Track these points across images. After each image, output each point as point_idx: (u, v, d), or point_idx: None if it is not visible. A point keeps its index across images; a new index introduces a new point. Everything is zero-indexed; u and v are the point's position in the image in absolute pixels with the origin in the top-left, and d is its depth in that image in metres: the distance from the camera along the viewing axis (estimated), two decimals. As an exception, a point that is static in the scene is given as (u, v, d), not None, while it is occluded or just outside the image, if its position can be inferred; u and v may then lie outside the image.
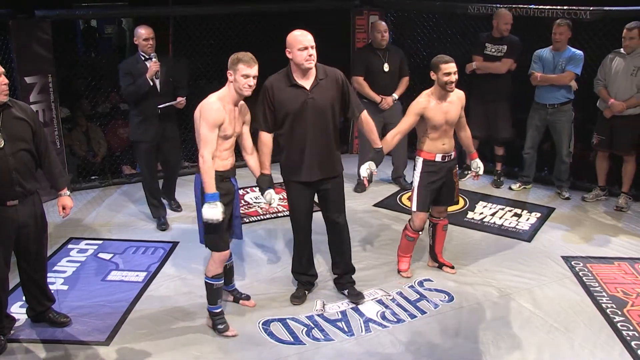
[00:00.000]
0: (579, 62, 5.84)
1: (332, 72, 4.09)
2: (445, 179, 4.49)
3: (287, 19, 7.68)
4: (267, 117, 4.05)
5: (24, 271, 3.94)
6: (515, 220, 5.74)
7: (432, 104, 4.33)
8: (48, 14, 6.07)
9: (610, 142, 5.81)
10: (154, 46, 5.31)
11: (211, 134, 3.69)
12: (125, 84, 5.28)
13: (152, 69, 5.22)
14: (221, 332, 3.96)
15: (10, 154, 3.61)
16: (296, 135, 4.04)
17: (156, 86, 5.29)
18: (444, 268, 4.78)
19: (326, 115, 4.04)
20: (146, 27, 5.33)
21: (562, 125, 6.03)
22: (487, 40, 6.30)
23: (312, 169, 4.08)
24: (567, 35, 5.84)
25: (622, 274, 4.72)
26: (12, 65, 5.87)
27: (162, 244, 5.30)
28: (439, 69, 4.25)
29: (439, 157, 4.42)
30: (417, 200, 4.49)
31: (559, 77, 5.89)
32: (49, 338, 3.97)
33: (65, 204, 3.92)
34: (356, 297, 4.38)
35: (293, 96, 3.99)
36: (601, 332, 3.98)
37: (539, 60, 6.01)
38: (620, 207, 5.89)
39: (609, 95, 5.69)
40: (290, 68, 4.01)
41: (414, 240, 4.63)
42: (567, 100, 5.99)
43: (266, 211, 5.91)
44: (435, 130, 4.37)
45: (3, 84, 3.57)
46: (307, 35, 3.93)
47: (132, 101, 5.41)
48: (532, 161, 6.42)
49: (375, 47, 6.23)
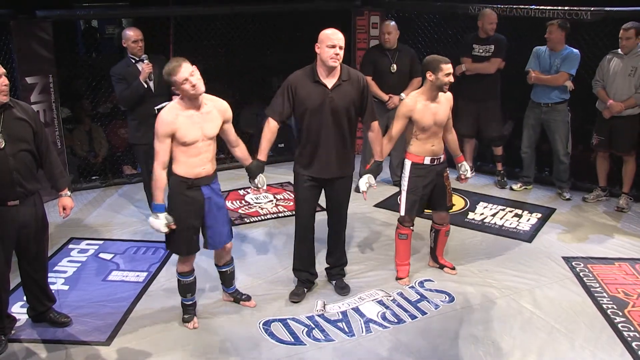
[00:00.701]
0: (573, 63, 5.84)
1: (356, 75, 4.14)
2: (436, 183, 4.45)
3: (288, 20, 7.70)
4: (284, 107, 4.08)
5: (24, 271, 3.94)
6: (515, 221, 5.74)
7: (420, 106, 4.28)
8: (49, 15, 6.08)
9: (610, 142, 5.81)
10: (143, 48, 5.29)
11: (160, 145, 3.71)
12: (120, 90, 5.25)
13: (145, 71, 5.19)
14: (184, 321, 4.08)
15: (11, 154, 3.61)
16: (312, 131, 4.09)
17: (150, 88, 5.28)
18: (445, 269, 4.77)
19: (342, 115, 4.08)
20: (134, 29, 5.31)
21: (556, 124, 6.04)
22: (473, 41, 6.32)
23: (324, 166, 4.14)
24: (558, 35, 5.83)
25: (623, 275, 4.72)
26: (13, 65, 5.87)
27: (162, 244, 5.22)
28: (440, 69, 4.17)
29: (427, 159, 4.37)
30: (406, 205, 4.46)
31: (552, 78, 5.90)
32: (49, 338, 3.97)
33: (66, 205, 3.92)
34: (342, 289, 4.47)
35: (314, 93, 4.03)
36: (602, 333, 3.98)
37: (537, 57, 6.02)
38: (620, 208, 5.89)
39: (607, 96, 5.69)
40: (316, 64, 4.06)
41: (407, 237, 4.58)
42: (561, 100, 6.00)
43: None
44: (423, 132, 4.32)
45: (4, 84, 3.57)
46: (338, 34, 3.97)
47: (128, 106, 5.36)
48: (531, 161, 6.42)
49: (384, 47, 6.24)
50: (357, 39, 7.56)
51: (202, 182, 3.82)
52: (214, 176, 3.90)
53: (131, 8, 7.41)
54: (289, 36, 7.87)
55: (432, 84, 4.25)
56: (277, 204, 6.18)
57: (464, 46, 6.43)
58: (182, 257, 3.97)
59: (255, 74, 7.64)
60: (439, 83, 4.21)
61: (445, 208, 4.59)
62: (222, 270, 4.23)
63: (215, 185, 3.93)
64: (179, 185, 3.79)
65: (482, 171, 6.97)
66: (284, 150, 7.51)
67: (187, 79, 3.63)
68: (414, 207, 4.45)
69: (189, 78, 3.63)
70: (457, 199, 6.23)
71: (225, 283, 4.29)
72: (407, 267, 4.67)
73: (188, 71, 3.64)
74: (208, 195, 3.87)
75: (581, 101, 6.23)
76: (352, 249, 5.11)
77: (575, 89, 5.99)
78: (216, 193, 3.93)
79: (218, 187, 3.96)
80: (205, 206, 3.87)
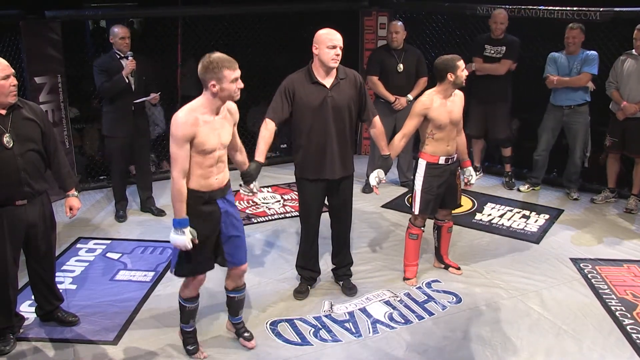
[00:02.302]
0: (594, 63, 5.81)
1: (351, 73, 4.16)
2: (449, 182, 4.46)
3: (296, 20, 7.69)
4: (282, 109, 4.08)
5: (33, 270, 3.96)
6: (523, 222, 5.71)
7: (436, 104, 4.29)
8: (58, 15, 6.11)
9: (623, 144, 5.77)
10: (129, 45, 5.52)
11: (180, 151, 3.27)
12: (100, 81, 5.48)
13: (128, 67, 5.44)
14: (189, 353, 3.74)
15: (19, 154, 3.62)
16: (316, 132, 4.09)
17: (131, 84, 5.51)
18: (450, 269, 4.76)
19: (344, 114, 4.10)
20: (122, 27, 5.55)
21: (577, 126, 6.00)
22: (485, 42, 6.30)
23: (334, 166, 4.14)
24: (581, 39, 5.80)
25: (632, 277, 4.69)
26: (22, 65, 5.91)
27: (170, 244, 5.27)
28: (458, 67, 4.21)
29: (442, 159, 4.38)
30: (420, 205, 4.45)
31: (576, 79, 5.85)
32: (57, 337, 3.98)
33: (73, 205, 3.93)
34: (350, 290, 4.47)
35: (314, 93, 4.04)
36: (610, 335, 3.96)
37: (554, 63, 5.97)
38: (629, 209, 5.86)
39: (621, 98, 5.65)
40: (312, 65, 4.07)
41: (417, 238, 4.58)
42: (584, 102, 5.96)
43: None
44: (440, 131, 4.33)
45: (12, 84, 3.59)
46: (336, 35, 3.99)
47: (107, 98, 5.62)
48: (544, 164, 6.39)
49: (391, 47, 6.23)
50: (364, 39, 7.55)
51: (218, 195, 3.49)
52: (227, 186, 3.57)
53: (140, 8, 7.42)
54: (296, 36, 7.86)
55: (452, 84, 4.27)
56: (284, 204, 6.19)
57: (476, 45, 6.41)
58: (189, 280, 3.62)
59: (262, 74, 7.64)
60: (459, 81, 4.24)
61: (456, 206, 4.63)
62: (230, 296, 3.82)
63: (230, 196, 3.60)
64: (195, 201, 3.40)
65: (490, 172, 6.95)
66: (290, 151, 7.51)
67: (238, 79, 3.32)
68: (429, 207, 4.45)
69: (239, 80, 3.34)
70: (465, 200, 6.21)
71: (231, 311, 3.89)
72: (415, 268, 4.66)
73: (238, 73, 3.33)
74: (224, 208, 3.53)
75: (591, 103, 6.20)
76: (359, 250, 5.10)
77: (594, 89, 5.95)
78: (232, 204, 3.60)
79: (232, 197, 3.64)
80: (222, 220, 3.54)
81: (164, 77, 7.12)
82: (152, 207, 5.97)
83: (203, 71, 3.28)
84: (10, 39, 5.85)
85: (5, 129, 3.58)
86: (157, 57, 7.07)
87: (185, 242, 3.36)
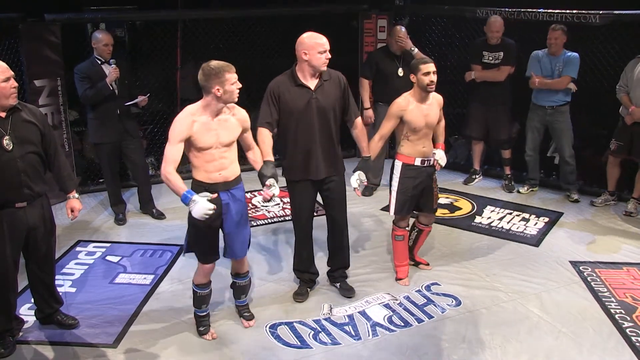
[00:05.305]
0: (575, 65, 5.85)
1: (335, 74, 4.21)
2: (425, 185, 4.47)
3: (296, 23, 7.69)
4: (272, 115, 4.12)
5: (32, 273, 3.96)
6: (523, 225, 5.72)
7: (412, 107, 4.30)
8: (57, 18, 6.12)
9: (630, 148, 5.72)
10: (111, 52, 5.53)
11: (172, 147, 3.57)
12: (82, 88, 5.45)
13: (112, 75, 5.44)
14: (201, 334, 4.01)
15: (19, 156, 3.62)
16: (302, 134, 4.12)
17: (115, 90, 5.51)
18: (420, 266, 4.84)
19: (329, 115, 4.14)
20: (105, 33, 5.60)
21: (560, 125, 6.04)
22: (483, 48, 6.29)
23: (318, 167, 4.17)
24: (562, 40, 5.83)
25: (631, 280, 4.69)
26: (22, 68, 5.91)
27: (169, 247, 5.31)
28: (419, 69, 4.23)
29: (418, 160, 4.39)
30: (396, 206, 4.47)
31: (557, 82, 5.90)
32: (57, 340, 3.99)
33: (74, 207, 3.94)
34: (348, 291, 4.48)
35: (298, 96, 4.08)
36: (610, 338, 3.96)
37: (537, 62, 6.01)
38: (629, 212, 5.85)
39: (630, 102, 5.61)
40: (296, 68, 4.10)
41: (403, 238, 4.60)
42: (564, 103, 6.01)
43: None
44: (414, 133, 4.34)
45: (13, 87, 3.60)
46: (323, 38, 4.06)
47: (89, 105, 5.59)
48: (535, 163, 6.42)
49: (391, 51, 6.23)
50: (364, 42, 7.55)
51: (220, 188, 3.71)
52: (234, 182, 3.79)
53: (140, 11, 7.42)
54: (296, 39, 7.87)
55: (416, 86, 4.31)
56: (283, 207, 6.18)
57: (473, 52, 6.42)
58: (200, 265, 3.89)
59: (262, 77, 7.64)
60: (421, 84, 4.25)
61: (431, 210, 4.63)
62: (233, 281, 4.15)
63: (237, 191, 3.82)
64: (197, 190, 3.64)
65: (490, 175, 6.95)
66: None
67: (236, 82, 3.59)
68: (404, 208, 4.47)
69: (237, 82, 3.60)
70: (464, 203, 6.23)
71: (235, 294, 4.20)
72: (406, 268, 4.69)
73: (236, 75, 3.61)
74: (226, 201, 3.76)
75: (585, 105, 6.22)
76: (359, 252, 5.11)
77: (578, 93, 5.98)
78: (236, 199, 3.81)
79: (240, 193, 3.86)
80: (223, 212, 3.76)
81: (163, 79, 7.13)
82: (152, 210, 5.97)
83: (206, 78, 3.56)
84: (9, 41, 5.85)
85: (5, 131, 3.59)
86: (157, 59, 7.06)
87: (204, 206, 3.51)
